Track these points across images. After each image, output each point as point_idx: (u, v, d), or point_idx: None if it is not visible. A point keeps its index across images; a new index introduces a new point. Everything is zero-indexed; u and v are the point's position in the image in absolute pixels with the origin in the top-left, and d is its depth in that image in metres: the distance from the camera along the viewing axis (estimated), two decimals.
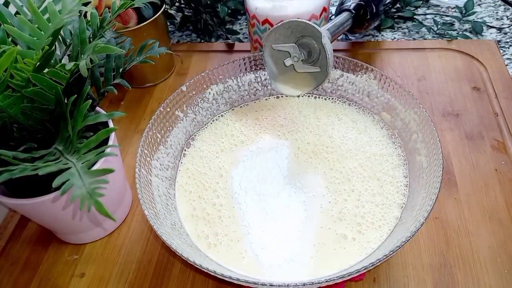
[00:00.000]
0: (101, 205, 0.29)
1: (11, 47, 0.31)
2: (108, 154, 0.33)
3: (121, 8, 0.38)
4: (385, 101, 0.49)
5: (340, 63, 0.50)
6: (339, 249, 0.39)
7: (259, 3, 0.55)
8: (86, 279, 0.44)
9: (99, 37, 0.38)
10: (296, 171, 0.46)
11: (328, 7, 0.57)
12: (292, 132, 0.50)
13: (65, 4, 0.35)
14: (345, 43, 0.69)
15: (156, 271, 0.44)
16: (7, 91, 0.32)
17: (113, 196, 0.45)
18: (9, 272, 0.45)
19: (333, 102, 0.53)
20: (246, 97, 0.54)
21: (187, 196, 0.45)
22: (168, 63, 0.66)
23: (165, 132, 0.47)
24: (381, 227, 0.41)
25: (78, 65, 0.33)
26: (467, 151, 0.51)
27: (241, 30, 0.74)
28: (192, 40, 0.74)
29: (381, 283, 0.41)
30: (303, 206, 0.43)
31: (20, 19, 0.35)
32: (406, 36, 0.69)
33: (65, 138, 0.35)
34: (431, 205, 0.35)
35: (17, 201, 0.37)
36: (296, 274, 0.38)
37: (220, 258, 0.40)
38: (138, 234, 0.47)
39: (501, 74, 0.60)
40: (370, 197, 0.43)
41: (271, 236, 0.41)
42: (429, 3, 0.75)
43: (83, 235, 0.46)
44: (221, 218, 0.43)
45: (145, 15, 0.58)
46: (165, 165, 0.46)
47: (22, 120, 0.34)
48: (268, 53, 0.49)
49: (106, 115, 0.35)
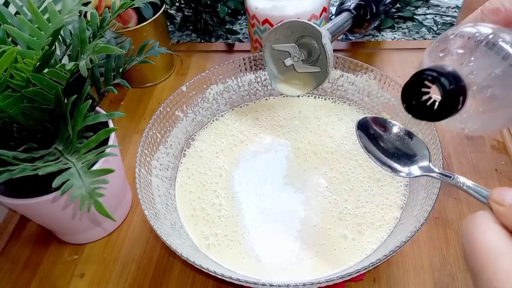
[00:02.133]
0: (101, 205, 0.29)
1: (11, 47, 0.31)
2: (108, 154, 0.33)
3: (121, 8, 0.38)
4: (385, 101, 0.49)
5: (340, 63, 0.50)
6: (339, 249, 0.39)
7: (259, 3, 0.55)
8: (86, 279, 0.44)
9: (99, 37, 0.38)
10: (296, 171, 0.46)
11: (328, 7, 0.57)
12: (292, 132, 0.50)
13: (65, 4, 0.35)
14: (345, 43, 0.69)
15: (156, 271, 0.44)
16: (7, 91, 0.32)
17: (113, 196, 0.45)
18: (9, 272, 0.45)
19: (333, 102, 0.53)
20: (246, 97, 0.54)
21: (187, 196, 0.45)
22: (168, 63, 0.66)
23: (165, 132, 0.47)
24: (381, 227, 0.41)
25: (78, 65, 0.33)
26: (467, 151, 0.51)
27: (241, 30, 0.74)
28: (192, 40, 0.73)
29: (381, 283, 0.41)
30: (303, 206, 0.43)
31: (20, 19, 0.35)
32: (406, 36, 0.69)
33: (65, 138, 0.35)
34: (431, 205, 0.35)
35: (17, 201, 0.37)
36: (296, 274, 0.38)
37: (220, 258, 0.40)
38: (138, 234, 0.47)
39: None
40: (370, 197, 0.43)
41: (271, 236, 0.41)
42: (429, 3, 0.75)
43: (83, 235, 0.46)
44: (221, 218, 0.43)
45: (145, 15, 0.58)
46: (165, 165, 0.46)
47: (22, 120, 0.34)
48: (268, 53, 0.49)
49: (106, 115, 0.35)
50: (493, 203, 0.23)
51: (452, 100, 0.25)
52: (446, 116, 0.26)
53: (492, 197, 0.23)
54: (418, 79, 0.26)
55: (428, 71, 0.26)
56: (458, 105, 0.26)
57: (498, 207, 0.22)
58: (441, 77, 0.25)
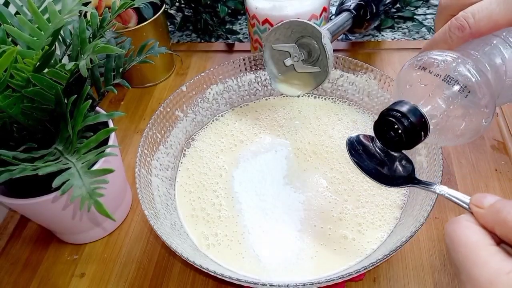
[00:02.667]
0: (101, 205, 0.29)
1: (11, 47, 0.31)
2: (108, 154, 0.33)
3: (121, 8, 0.38)
4: (385, 101, 0.49)
5: (340, 63, 0.50)
6: (339, 249, 0.39)
7: (259, 3, 0.55)
8: (86, 279, 0.44)
9: (99, 37, 0.38)
10: (296, 171, 0.46)
11: (328, 7, 0.57)
12: (292, 132, 0.50)
13: (65, 4, 0.35)
14: (345, 43, 0.69)
15: (156, 271, 0.44)
16: (7, 91, 0.32)
17: (113, 196, 0.45)
18: (9, 272, 0.45)
19: (333, 102, 0.53)
20: (246, 97, 0.54)
21: (187, 196, 0.45)
22: (168, 63, 0.66)
23: (165, 132, 0.47)
24: (381, 227, 0.41)
25: (78, 65, 0.33)
26: (467, 151, 0.51)
27: (241, 30, 0.74)
28: (192, 40, 0.74)
29: (381, 283, 0.41)
30: (303, 206, 0.43)
31: (20, 19, 0.35)
32: (406, 36, 0.69)
33: (65, 138, 0.35)
34: (431, 205, 0.35)
35: (17, 201, 0.37)
36: (296, 274, 0.38)
37: (220, 258, 0.40)
38: (138, 234, 0.47)
39: None
40: (370, 197, 0.43)
41: (271, 236, 0.41)
42: (429, 3, 0.75)
43: (83, 235, 0.46)
44: (221, 218, 0.43)
45: (145, 15, 0.58)
46: (165, 165, 0.46)
47: (22, 120, 0.34)
48: (268, 53, 0.49)
49: (106, 115, 0.35)
50: (473, 206, 0.25)
51: (414, 135, 0.29)
52: (413, 146, 0.30)
53: (472, 201, 0.25)
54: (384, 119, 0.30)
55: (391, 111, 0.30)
56: (421, 138, 0.30)
57: (478, 209, 0.24)
58: (401, 118, 0.29)
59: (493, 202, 0.24)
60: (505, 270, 0.21)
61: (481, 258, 0.22)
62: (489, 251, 0.22)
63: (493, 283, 0.21)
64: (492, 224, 0.23)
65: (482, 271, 0.21)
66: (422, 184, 0.33)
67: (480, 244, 0.22)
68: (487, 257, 0.22)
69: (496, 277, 0.21)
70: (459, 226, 0.24)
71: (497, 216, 0.23)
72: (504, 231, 0.22)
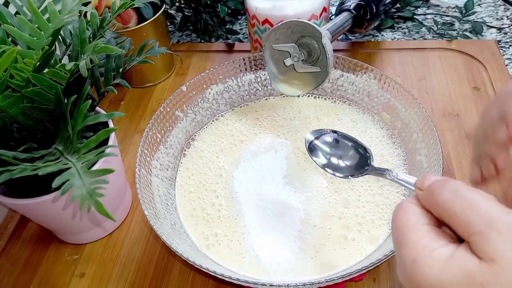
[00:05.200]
0: (101, 205, 0.29)
1: (11, 47, 0.31)
2: (108, 154, 0.33)
3: (121, 8, 0.38)
4: (385, 101, 0.49)
5: (340, 63, 0.50)
6: (339, 249, 0.39)
7: (259, 3, 0.55)
8: (86, 279, 0.44)
9: (99, 37, 0.38)
10: (296, 171, 0.46)
11: (328, 7, 0.57)
12: (292, 132, 0.50)
13: (65, 4, 0.35)
14: (345, 43, 0.69)
15: (156, 271, 0.44)
16: (7, 91, 0.32)
17: (113, 196, 0.45)
18: (9, 272, 0.45)
19: (333, 102, 0.53)
20: (246, 97, 0.54)
21: (187, 196, 0.45)
22: (168, 63, 0.66)
23: (165, 132, 0.47)
24: (381, 227, 0.41)
25: (78, 65, 0.33)
26: (467, 151, 0.51)
27: (241, 30, 0.74)
28: (192, 40, 0.73)
29: (381, 283, 0.41)
30: (303, 206, 0.43)
31: (20, 19, 0.35)
32: (406, 36, 0.69)
33: (65, 138, 0.35)
34: None
35: (17, 201, 0.37)
36: (296, 274, 0.38)
37: (220, 258, 0.40)
38: (138, 234, 0.47)
39: (501, 74, 0.60)
40: (370, 197, 0.43)
41: (271, 236, 0.41)
42: (429, 3, 0.75)
43: (83, 235, 0.46)
44: (221, 218, 0.43)
45: (145, 15, 0.58)
46: (165, 165, 0.46)
47: (22, 120, 0.34)
48: (268, 53, 0.49)
49: (106, 115, 0.35)
50: (416, 188, 0.25)
51: None
52: None
53: (416, 184, 0.25)
54: None
55: None
56: None
57: (419, 191, 0.24)
58: None
59: (430, 183, 0.24)
60: (429, 249, 0.21)
61: (411, 238, 0.22)
62: (420, 232, 0.22)
63: (415, 262, 0.21)
64: (429, 205, 0.23)
65: (409, 251, 0.22)
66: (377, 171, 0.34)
67: (414, 226, 0.23)
68: (417, 237, 0.22)
69: (419, 256, 0.21)
70: (400, 209, 0.24)
71: (431, 197, 0.23)
72: (437, 212, 0.22)
